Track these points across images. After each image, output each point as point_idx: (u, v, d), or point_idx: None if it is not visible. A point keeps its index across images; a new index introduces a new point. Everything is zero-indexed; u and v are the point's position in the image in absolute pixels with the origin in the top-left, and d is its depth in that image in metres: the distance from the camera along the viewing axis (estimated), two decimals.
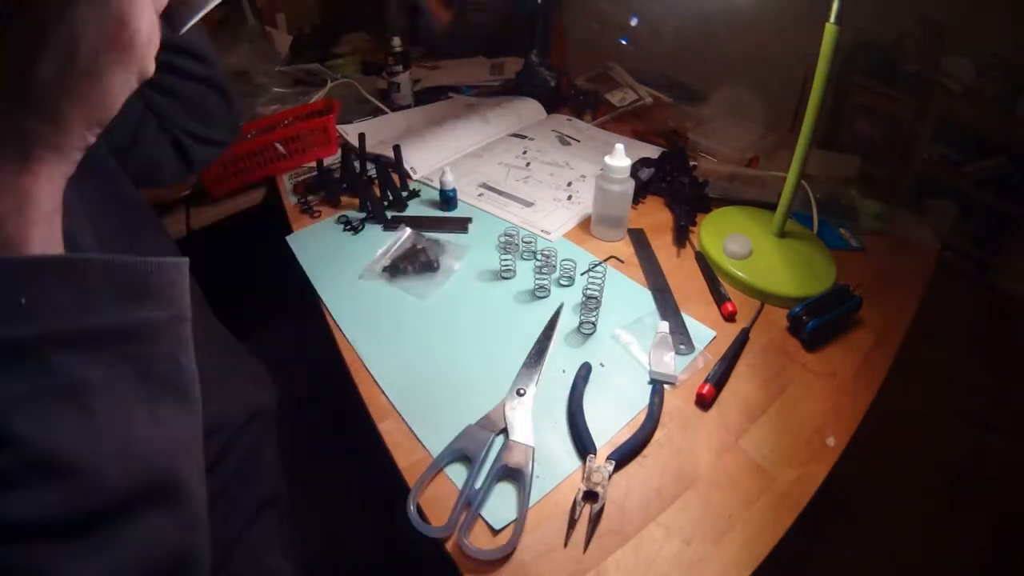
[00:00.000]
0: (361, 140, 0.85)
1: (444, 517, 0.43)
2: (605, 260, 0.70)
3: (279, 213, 0.83)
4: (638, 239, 0.75)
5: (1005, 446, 1.40)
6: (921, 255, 0.76)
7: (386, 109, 1.08)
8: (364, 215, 0.79)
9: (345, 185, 0.83)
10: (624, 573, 0.42)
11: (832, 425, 0.53)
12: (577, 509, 0.44)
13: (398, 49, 1.05)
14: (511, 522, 0.44)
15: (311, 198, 0.82)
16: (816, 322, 0.60)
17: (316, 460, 0.65)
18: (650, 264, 0.71)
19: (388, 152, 0.85)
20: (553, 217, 0.79)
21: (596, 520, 0.44)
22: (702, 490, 0.47)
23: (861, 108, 1.94)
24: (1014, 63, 1.66)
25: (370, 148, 0.91)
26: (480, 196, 0.83)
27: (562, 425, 0.51)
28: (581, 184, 0.86)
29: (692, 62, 1.28)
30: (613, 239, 0.75)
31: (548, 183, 0.87)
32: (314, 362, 0.70)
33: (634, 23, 1.21)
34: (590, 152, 0.96)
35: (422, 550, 0.43)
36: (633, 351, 0.58)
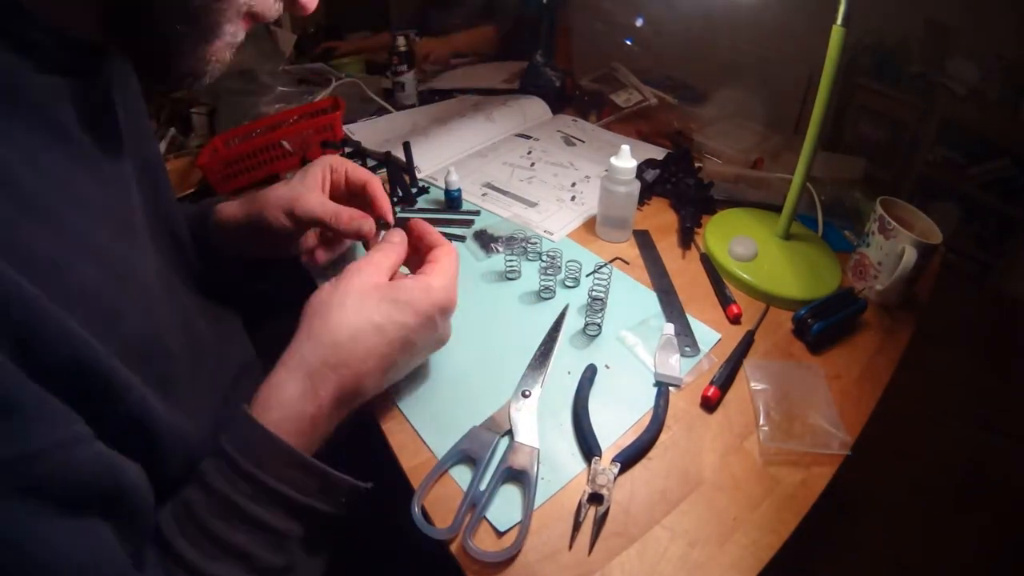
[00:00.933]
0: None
1: (449, 519, 0.43)
2: (611, 261, 0.70)
3: None
4: (643, 240, 0.75)
5: (1009, 449, 1.40)
6: None
7: (390, 108, 1.09)
8: None
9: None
10: (629, 575, 0.42)
11: None
12: (582, 511, 0.44)
13: (403, 49, 1.05)
14: (516, 524, 0.44)
15: None
16: (821, 325, 0.59)
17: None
18: (655, 266, 0.71)
19: (392, 151, 0.85)
20: (556, 217, 0.79)
21: (601, 522, 0.44)
22: (707, 492, 0.47)
23: (865, 110, 1.93)
24: (1018, 65, 1.66)
25: (375, 147, 0.91)
26: (484, 196, 0.83)
27: (567, 427, 0.51)
28: (585, 185, 0.86)
29: (697, 63, 1.28)
30: (618, 240, 0.75)
31: (552, 183, 0.87)
32: None
33: (639, 24, 1.21)
34: (595, 153, 0.96)
35: (426, 552, 0.43)
36: (638, 353, 0.58)
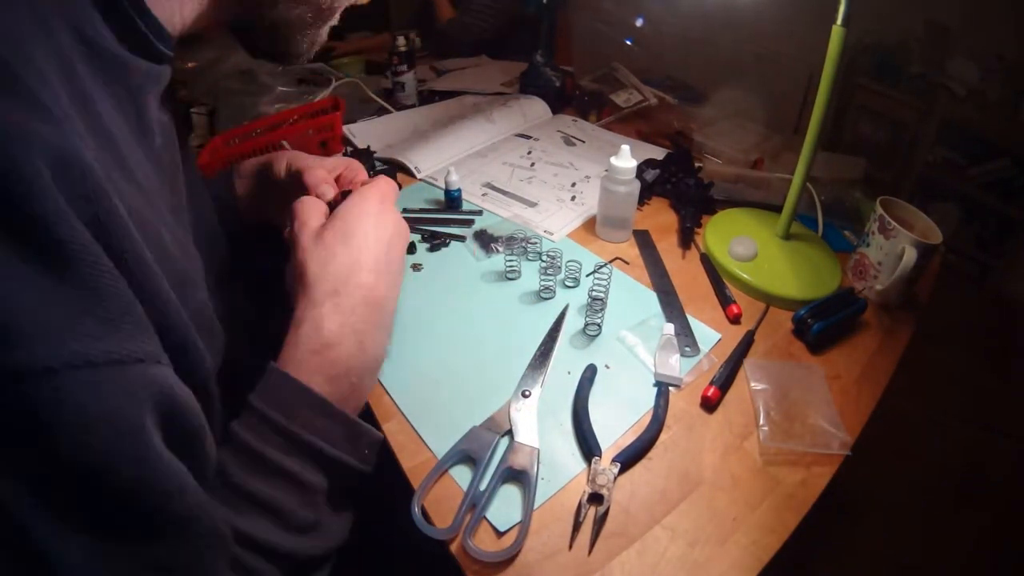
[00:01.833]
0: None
1: (449, 519, 0.43)
2: (611, 261, 0.70)
3: None
4: (643, 240, 0.75)
5: (1008, 449, 1.40)
6: None
7: (391, 108, 1.08)
8: None
9: None
10: (629, 575, 0.42)
11: None
12: (582, 511, 0.44)
13: (403, 49, 1.05)
14: (516, 524, 0.44)
15: None
16: (821, 325, 0.59)
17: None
18: (655, 266, 0.71)
19: (392, 153, 0.85)
20: (556, 217, 0.79)
21: (601, 522, 0.44)
22: (707, 492, 0.47)
23: (865, 110, 1.94)
24: (1018, 65, 1.66)
25: (375, 148, 0.91)
26: (484, 196, 0.83)
27: (567, 427, 0.51)
28: (585, 185, 0.86)
29: (697, 63, 1.28)
30: (618, 240, 0.75)
31: (552, 183, 0.87)
32: None
33: (639, 24, 1.21)
34: (595, 153, 0.96)
35: (426, 552, 0.43)
36: (638, 353, 0.58)
